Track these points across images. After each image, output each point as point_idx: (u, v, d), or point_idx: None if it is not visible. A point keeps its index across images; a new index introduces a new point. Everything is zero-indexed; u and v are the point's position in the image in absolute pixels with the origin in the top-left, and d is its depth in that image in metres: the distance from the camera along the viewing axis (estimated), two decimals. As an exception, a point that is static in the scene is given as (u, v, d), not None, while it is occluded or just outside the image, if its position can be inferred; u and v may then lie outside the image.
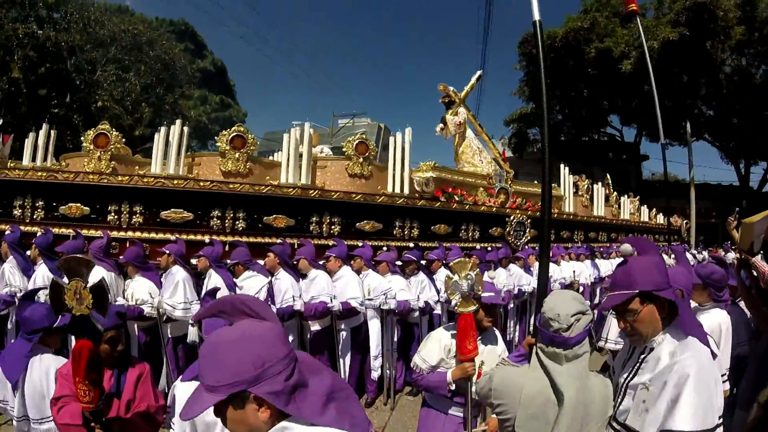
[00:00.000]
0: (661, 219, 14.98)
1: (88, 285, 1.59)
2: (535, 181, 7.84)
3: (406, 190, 5.52)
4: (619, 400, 1.46)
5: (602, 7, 20.69)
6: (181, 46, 19.15)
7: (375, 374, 4.47)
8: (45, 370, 2.08)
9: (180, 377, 1.79)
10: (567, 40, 20.56)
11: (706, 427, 1.27)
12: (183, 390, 1.68)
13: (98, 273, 3.88)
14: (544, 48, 2.59)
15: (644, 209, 13.87)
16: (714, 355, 1.45)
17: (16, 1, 13.05)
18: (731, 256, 11.73)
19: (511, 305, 5.80)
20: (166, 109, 17.29)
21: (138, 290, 3.95)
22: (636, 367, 1.45)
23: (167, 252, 4.17)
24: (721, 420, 1.35)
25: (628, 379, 1.46)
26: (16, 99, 13.20)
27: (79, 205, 4.54)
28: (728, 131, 22.81)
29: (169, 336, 4.03)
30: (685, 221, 15.79)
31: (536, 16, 2.73)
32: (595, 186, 10.57)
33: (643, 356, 1.44)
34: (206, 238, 4.46)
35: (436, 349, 2.27)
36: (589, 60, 20.45)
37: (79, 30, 14.13)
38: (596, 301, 7.11)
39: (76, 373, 1.57)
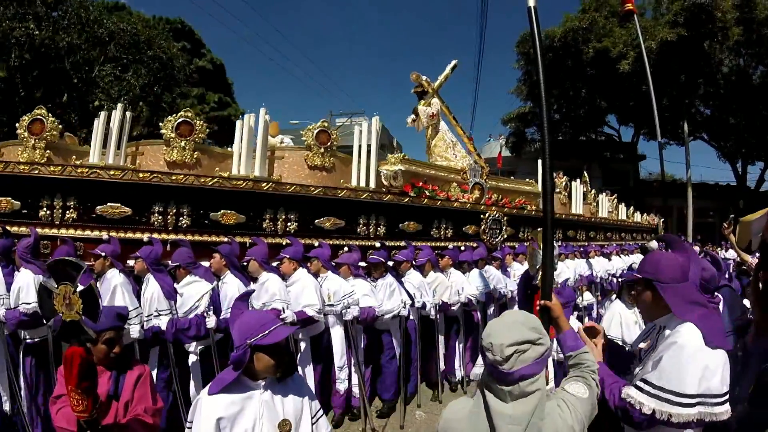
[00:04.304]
0: (638, 218, 14.79)
1: (78, 289, 1.54)
2: (512, 177, 7.45)
3: (372, 184, 5.07)
4: (639, 371, 1.63)
5: (601, 6, 20.52)
6: (179, 45, 18.79)
7: (341, 386, 4.09)
8: None
9: (206, 390, 1.63)
10: (565, 39, 20.54)
11: (674, 389, 1.42)
12: (209, 403, 1.56)
13: (25, 277, 3.53)
14: (540, 37, 2.21)
15: (622, 207, 13.55)
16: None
17: None
18: (730, 254, 11.41)
19: (492, 309, 5.42)
20: (164, 108, 16.99)
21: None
22: (654, 344, 1.66)
23: (102, 254, 3.74)
24: (706, 401, 1.40)
25: (646, 353, 1.68)
26: (12, 99, 12.84)
27: (8, 199, 4.13)
28: (725, 131, 22.74)
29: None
30: (661, 219, 15.56)
31: (531, 2, 2.40)
32: (573, 183, 10.16)
33: (658, 335, 1.66)
34: (145, 237, 4.04)
35: None
36: (588, 60, 20.44)
37: (78, 29, 13.86)
38: (584, 302, 6.71)
39: (67, 381, 1.51)
